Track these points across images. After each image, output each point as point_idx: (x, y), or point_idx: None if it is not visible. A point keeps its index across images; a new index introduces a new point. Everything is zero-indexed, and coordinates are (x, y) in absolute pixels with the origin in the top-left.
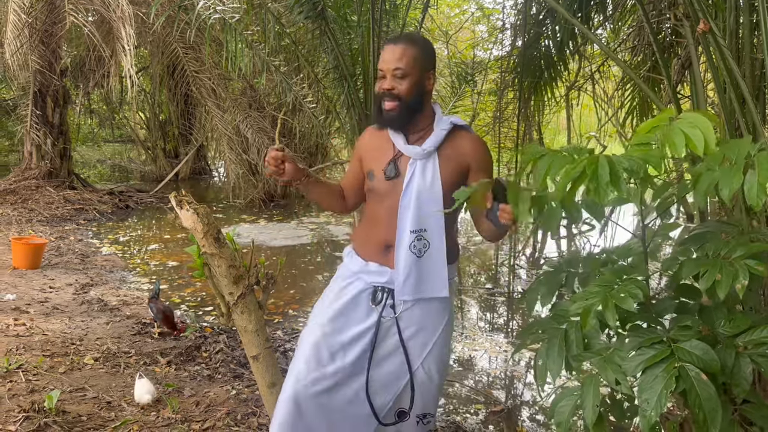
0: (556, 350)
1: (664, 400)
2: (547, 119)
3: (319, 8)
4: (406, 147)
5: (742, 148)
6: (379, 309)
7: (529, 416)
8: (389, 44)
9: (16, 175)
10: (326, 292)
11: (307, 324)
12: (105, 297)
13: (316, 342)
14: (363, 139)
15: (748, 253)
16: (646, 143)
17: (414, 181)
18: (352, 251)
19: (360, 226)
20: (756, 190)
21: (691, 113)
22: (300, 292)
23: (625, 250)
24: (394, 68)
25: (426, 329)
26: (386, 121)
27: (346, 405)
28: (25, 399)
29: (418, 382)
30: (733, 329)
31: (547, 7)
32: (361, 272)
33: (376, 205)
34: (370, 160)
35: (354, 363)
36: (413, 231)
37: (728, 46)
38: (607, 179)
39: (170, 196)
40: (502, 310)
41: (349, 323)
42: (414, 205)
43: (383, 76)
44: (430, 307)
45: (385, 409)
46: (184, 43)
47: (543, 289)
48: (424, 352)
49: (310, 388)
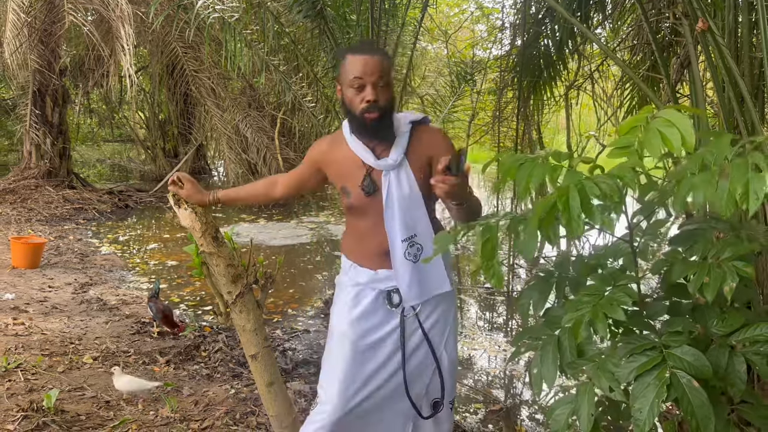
0: (550, 358)
1: (656, 408)
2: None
3: (319, 7)
4: (377, 162)
5: (721, 151)
6: (398, 310)
7: (528, 415)
8: (365, 55)
9: (15, 175)
10: (338, 302)
11: (331, 334)
12: (104, 296)
13: (345, 357)
14: (321, 148)
15: (736, 255)
16: (626, 146)
17: (393, 192)
18: (355, 264)
19: (349, 240)
20: (725, 199)
21: (669, 110)
22: (299, 292)
23: (614, 250)
24: (378, 78)
25: (442, 318)
26: (371, 132)
27: (385, 403)
28: (24, 398)
29: (444, 367)
30: (726, 328)
31: (547, 7)
32: (371, 282)
33: (360, 220)
34: (339, 176)
35: (386, 363)
36: (404, 240)
37: (727, 44)
38: (578, 211)
39: (168, 195)
40: (501, 310)
41: (373, 328)
42: (399, 216)
43: (361, 87)
44: (442, 297)
45: (421, 400)
46: (184, 43)
47: (535, 295)
48: (443, 339)
49: (348, 405)
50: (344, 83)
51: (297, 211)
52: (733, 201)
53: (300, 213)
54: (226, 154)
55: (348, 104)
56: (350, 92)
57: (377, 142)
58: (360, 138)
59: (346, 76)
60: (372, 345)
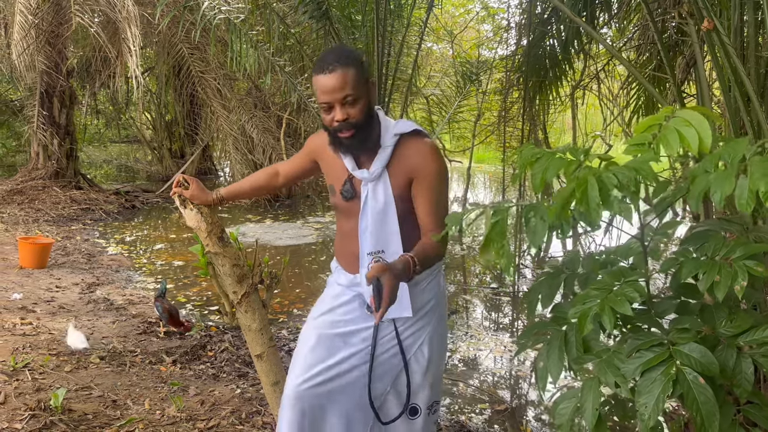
0: (557, 353)
1: (661, 404)
2: (552, 118)
3: (324, 8)
4: (355, 171)
5: (738, 150)
6: (369, 314)
7: (534, 415)
8: (322, 74)
9: (23, 176)
10: (322, 297)
11: (307, 322)
12: (111, 296)
13: (316, 337)
14: (317, 140)
15: (747, 254)
16: (642, 143)
17: (368, 203)
18: (339, 266)
19: (337, 238)
20: (746, 195)
21: (688, 110)
22: (305, 292)
23: (625, 249)
24: (343, 97)
25: (420, 330)
26: (348, 149)
27: (348, 390)
28: (32, 397)
29: (413, 371)
30: (735, 329)
31: (552, 7)
32: (351, 285)
33: (343, 221)
34: (327, 173)
35: (353, 355)
36: (370, 253)
37: (733, 44)
38: (597, 201)
39: (174, 196)
40: (506, 310)
41: (348, 321)
42: (371, 228)
43: (329, 107)
44: (421, 311)
45: (383, 401)
46: (190, 44)
47: (544, 291)
48: (415, 346)
49: (309, 383)
50: (318, 102)
51: (303, 212)
52: (753, 197)
53: (306, 213)
54: (232, 154)
55: (323, 122)
56: (322, 112)
57: (362, 152)
58: (335, 151)
59: (317, 96)
60: (343, 335)
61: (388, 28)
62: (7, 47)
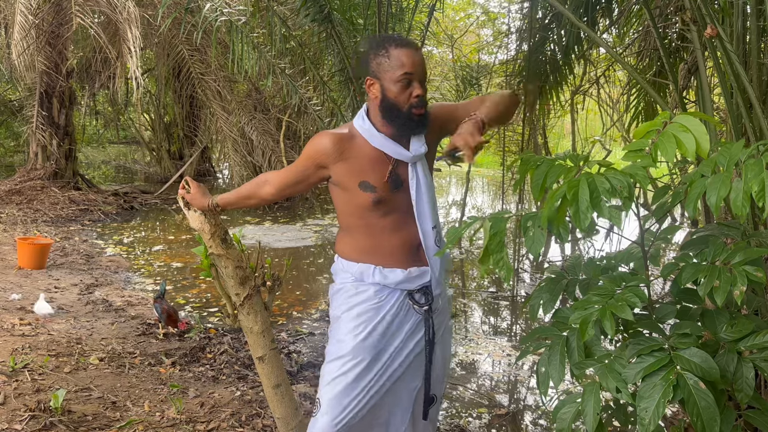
0: (558, 358)
1: (662, 409)
2: (552, 123)
3: (326, 11)
4: (408, 155)
5: (734, 154)
6: (421, 311)
7: (533, 420)
8: (411, 49)
9: (21, 176)
10: (345, 317)
11: (332, 356)
12: (110, 297)
13: (355, 375)
14: (325, 146)
15: (747, 259)
16: (640, 149)
17: (420, 182)
18: (374, 266)
19: (363, 240)
20: (740, 198)
21: (686, 116)
22: (304, 294)
23: (626, 255)
24: (424, 74)
25: (443, 312)
26: (418, 127)
27: (399, 387)
28: (31, 398)
29: (437, 362)
30: (736, 334)
31: (553, 11)
32: (404, 282)
33: (381, 218)
34: (357, 172)
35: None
36: (434, 227)
37: (735, 50)
38: (587, 204)
39: (178, 198)
40: (505, 314)
41: (393, 341)
42: (428, 206)
43: (408, 83)
44: (447, 299)
45: (414, 392)
46: (190, 45)
47: (545, 296)
48: (439, 333)
49: (345, 422)
50: (385, 77)
51: (301, 214)
52: (747, 200)
53: (305, 216)
54: (232, 156)
55: (392, 99)
56: (396, 87)
57: (404, 136)
58: (397, 131)
59: (391, 70)
60: (392, 352)
61: (389, 31)
62: (7, 47)
